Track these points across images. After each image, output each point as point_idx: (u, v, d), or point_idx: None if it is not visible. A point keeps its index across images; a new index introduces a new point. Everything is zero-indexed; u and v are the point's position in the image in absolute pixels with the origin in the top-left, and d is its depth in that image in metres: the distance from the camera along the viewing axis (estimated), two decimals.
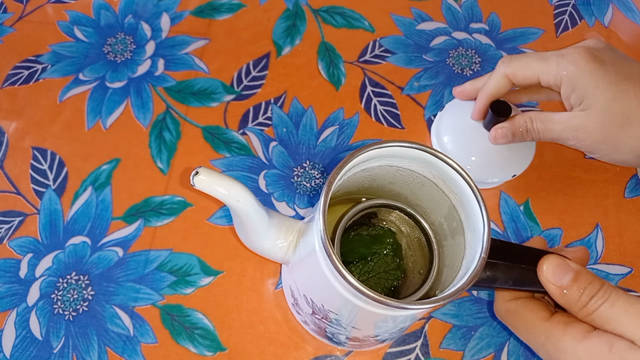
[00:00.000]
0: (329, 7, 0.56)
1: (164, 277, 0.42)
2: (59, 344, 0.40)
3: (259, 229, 0.32)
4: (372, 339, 0.34)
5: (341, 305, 0.30)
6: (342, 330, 0.33)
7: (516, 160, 0.43)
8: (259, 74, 0.52)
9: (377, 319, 0.30)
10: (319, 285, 0.30)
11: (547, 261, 0.31)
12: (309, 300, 0.33)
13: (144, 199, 0.45)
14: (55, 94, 0.51)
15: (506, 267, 0.31)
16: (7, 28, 0.55)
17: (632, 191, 0.46)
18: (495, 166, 0.43)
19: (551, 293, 0.31)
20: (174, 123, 0.49)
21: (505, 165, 0.43)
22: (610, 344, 0.28)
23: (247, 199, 0.30)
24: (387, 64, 0.52)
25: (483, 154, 0.42)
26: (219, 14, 0.55)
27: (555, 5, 0.57)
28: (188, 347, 0.40)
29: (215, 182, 0.29)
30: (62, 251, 0.43)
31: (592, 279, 0.30)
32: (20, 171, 0.47)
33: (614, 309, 0.29)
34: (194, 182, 0.29)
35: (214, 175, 0.29)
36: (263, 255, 0.35)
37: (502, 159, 0.42)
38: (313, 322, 0.36)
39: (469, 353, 0.40)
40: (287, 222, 0.34)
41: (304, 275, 0.33)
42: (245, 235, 0.34)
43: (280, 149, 0.48)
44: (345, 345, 0.37)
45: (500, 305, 0.35)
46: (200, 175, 0.29)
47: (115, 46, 0.53)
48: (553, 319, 0.31)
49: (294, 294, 0.36)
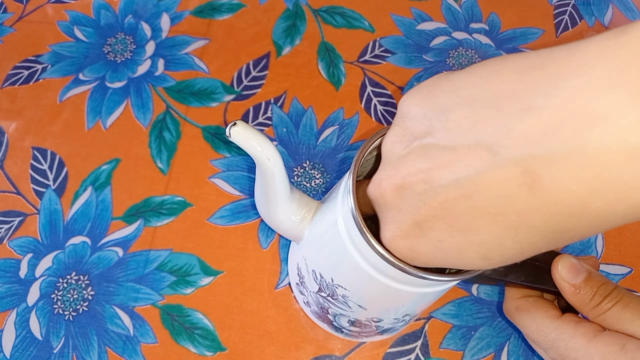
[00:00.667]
0: (329, 7, 0.56)
1: (164, 277, 0.42)
2: (59, 344, 0.40)
3: (279, 196, 0.32)
4: (374, 325, 0.34)
5: (354, 278, 0.30)
6: (347, 310, 0.33)
7: None
8: (259, 74, 0.52)
9: (387, 295, 0.30)
10: (334, 257, 0.30)
11: (562, 260, 0.32)
12: (317, 276, 0.33)
13: (144, 199, 0.45)
14: (55, 94, 0.51)
15: (522, 264, 0.32)
16: (7, 28, 0.55)
17: None
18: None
19: (564, 291, 0.31)
20: (174, 123, 0.49)
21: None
22: (622, 343, 0.29)
23: (277, 159, 0.30)
24: (387, 64, 0.52)
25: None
26: (219, 14, 0.55)
27: (555, 5, 0.57)
28: (188, 347, 0.40)
29: (251, 137, 0.30)
30: (62, 251, 0.43)
31: (605, 280, 0.31)
32: (20, 171, 0.47)
33: (626, 310, 0.29)
34: (230, 132, 0.29)
35: (250, 129, 0.30)
36: (274, 227, 0.35)
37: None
38: (316, 303, 0.36)
39: (469, 353, 0.40)
40: (306, 199, 0.34)
41: (317, 250, 0.33)
42: (264, 201, 0.34)
43: (280, 149, 0.48)
44: (344, 333, 0.37)
45: (510, 304, 0.35)
46: (237, 128, 0.29)
47: (115, 46, 0.53)
48: (564, 317, 0.32)
49: (301, 272, 0.36)
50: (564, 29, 0.55)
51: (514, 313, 0.35)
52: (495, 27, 0.55)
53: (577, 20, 0.56)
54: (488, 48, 0.53)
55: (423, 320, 0.41)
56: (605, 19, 0.56)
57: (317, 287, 0.34)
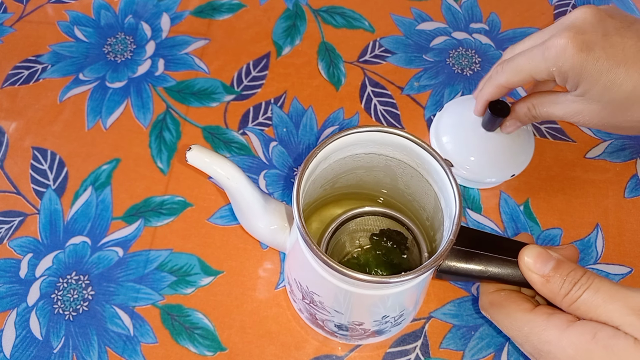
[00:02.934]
0: (329, 7, 0.56)
1: (164, 277, 0.42)
2: (59, 344, 0.40)
3: (253, 209, 0.33)
4: (359, 329, 0.35)
5: (318, 283, 0.30)
6: (328, 315, 0.34)
7: (515, 160, 0.43)
8: (259, 74, 0.52)
9: (350, 299, 0.30)
10: (304, 265, 0.31)
11: (527, 250, 0.30)
12: (299, 284, 0.34)
13: (144, 199, 0.45)
14: (55, 94, 0.51)
15: (486, 257, 0.31)
16: (7, 28, 0.55)
17: (632, 191, 0.46)
18: (494, 166, 0.43)
19: (533, 283, 0.30)
20: (174, 123, 0.49)
21: (505, 164, 0.43)
22: (593, 332, 0.28)
23: (237, 177, 0.31)
24: (387, 64, 0.52)
25: (482, 153, 0.42)
26: (219, 14, 0.55)
27: (555, 5, 0.57)
28: (188, 347, 0.40)
29: (207, 159, 0.31)
30: (62, 251, 0.43)
31: (574, 267, 0.30)
32: (20, 171, 0.47)
33: (598, 295, 0.28)
34: (187, 157, 0.30)
35: (207, 152, 0.31)
36: (258, 237, 0.36)
37: (501, 158, 0.42)
38: (305, 309, 0.36)
39: (469, 353, 0.40)
40: (283, 208, 0.35)
41: (293, 258, 0.34)
42: (240, 215, 0.35)
43: (280, 149, 0.48)
44: (338, 337, 0.37)
45: (483, 298, 0.34)
46: (193, 151, 0.30)
47: (115, 46, 0.53)
48: (537, 310, 0.31)
49: (289, 279, 0.37)
50: None
51: (488, 308, 0.34)
52: (495, 27, 0.55)
53: None
54: (488, 48, 0.53)
55: (423, 320, 0.41)
56: None
57: (301, 295, 0.35)
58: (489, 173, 0.43)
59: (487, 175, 0.43)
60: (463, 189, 0.46)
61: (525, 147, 0.43)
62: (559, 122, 0.49)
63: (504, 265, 0.31)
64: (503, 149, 0.42)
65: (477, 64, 0.52)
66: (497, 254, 0.31)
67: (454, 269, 0.31)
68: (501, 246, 0.32)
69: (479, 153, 0.42)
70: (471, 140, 0.42)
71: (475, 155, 0.42)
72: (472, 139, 0.42)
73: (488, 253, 0.31)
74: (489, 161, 0.42)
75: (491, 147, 0.42)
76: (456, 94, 0.51)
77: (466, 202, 0.45)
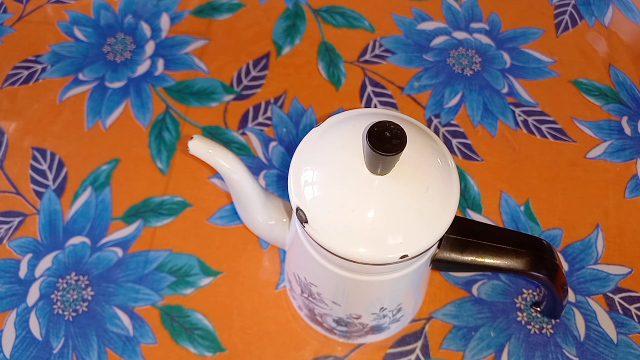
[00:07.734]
0: (329, 7, 0.56)
1: (163, 277, 0.42)
2: (58, 345, 0.40)
3: (253, 202, 0.33)
4: (357, 323, 0.35)
5: (316, 272, 0.30)
6: (326, 308, 0.34)
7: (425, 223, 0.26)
8: (259, 73, 0.52)
9: (348, 287, 0.30)
10: (301, 255, 0.31)
11: None
12: (297, 277, 0.34)
13: (144, 199, 0.45)
14: (55, 94, 0.51)
15: (482, 246, 0.31)
16: (7, 28, 0.55)
17: (632, 191, 0.46)
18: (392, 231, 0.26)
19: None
20: (174, 123, 0.49)
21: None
22: None
23: (238, 168, 0.31)
24: (387, 63, 0.52)
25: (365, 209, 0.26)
26: (219, 14, 0.55)
27: (556, 5, 0.57)
28: (188, 348, 0.40)
29: (209, 148, 0.31)
30: (61, 251, 0.43)
31: None
32: (20, 171, 0.47)
33: None
34: (189, 146, 0.30)
35: (209, 142, 0.31)
36: (257, 233, 0.36)
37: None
38: (304, 304, 0.36)
39: (469, 353, 0.40)
40: (282, 204, 0.35)
41: (292, 251, 0.34)
42: (240, 208, 0.35)
43: (280, 149, 0.48)
44: (337, 334, 0.37)
45: None
46: (195, 140, 0.30)
47: (115, 46, 0.53)
48: None
49: (288, 276, 0.37)
50: (564, 28, 0.55)
51: None
52: (496, 27, 0.55)
53: (577, 20, 0.56)
54: (488, 48, 0.53)
55: (423, 321, 0.41)
56: (606, 19, 0.56)
57: (300, 289, 0.35)
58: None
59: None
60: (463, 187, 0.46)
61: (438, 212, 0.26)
62: (559, 122, 0.49)
63: (500, 253, 0.31)
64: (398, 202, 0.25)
65: (477, 64, 0.52)
66: (493, 243, 0.32)
67: (450, 258, 0.31)
68: (496, 235, 0.32)
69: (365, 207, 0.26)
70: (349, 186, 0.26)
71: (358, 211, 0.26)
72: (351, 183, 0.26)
73: (483, 242, 0.31)
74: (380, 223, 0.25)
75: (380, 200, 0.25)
76: (456, 93, 0.51)
77: (466, 202, 0.45)
